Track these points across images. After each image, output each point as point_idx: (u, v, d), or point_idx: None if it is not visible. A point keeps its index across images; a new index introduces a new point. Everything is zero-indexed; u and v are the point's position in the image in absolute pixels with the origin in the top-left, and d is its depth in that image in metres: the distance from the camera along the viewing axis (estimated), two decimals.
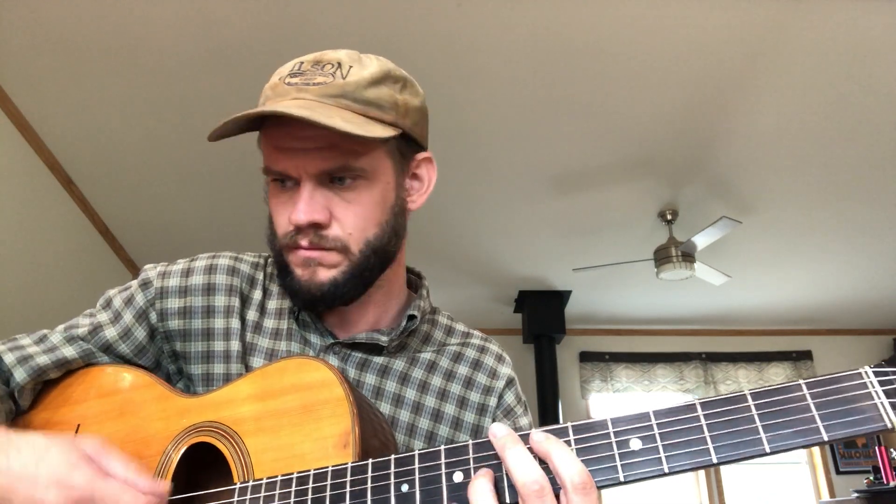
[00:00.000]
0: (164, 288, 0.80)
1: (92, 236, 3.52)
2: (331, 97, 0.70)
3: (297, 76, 0.72)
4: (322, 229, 0.72)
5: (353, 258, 0.73)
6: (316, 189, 0.72)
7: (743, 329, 5.44)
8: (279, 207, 0.75)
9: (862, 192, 3.45)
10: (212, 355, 0.78)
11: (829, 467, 5.05)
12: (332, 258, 0.73)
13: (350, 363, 0.79)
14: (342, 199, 0.72)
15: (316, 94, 0.70)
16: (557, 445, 0.52)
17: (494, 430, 0.54)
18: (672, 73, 2.60)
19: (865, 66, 2.55)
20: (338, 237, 0.72)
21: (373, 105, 0.71)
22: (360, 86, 0.71)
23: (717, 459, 0.49)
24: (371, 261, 0.74)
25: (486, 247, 4.09)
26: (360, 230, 0.73)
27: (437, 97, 2.73)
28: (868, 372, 0.49)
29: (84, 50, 2.40)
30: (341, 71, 0.71)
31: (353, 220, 0.73)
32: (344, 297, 0.75)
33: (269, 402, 0.67)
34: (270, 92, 0.73)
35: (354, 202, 0.72)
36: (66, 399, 0.78)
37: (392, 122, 0.73)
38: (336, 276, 0.73)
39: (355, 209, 0.72)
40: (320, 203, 0.71)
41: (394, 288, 0.83)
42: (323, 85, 0.70)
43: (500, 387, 0.85)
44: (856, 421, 0.48)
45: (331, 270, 0.73)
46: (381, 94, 0.72)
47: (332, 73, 0.71)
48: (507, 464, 0.52)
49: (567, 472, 0.50)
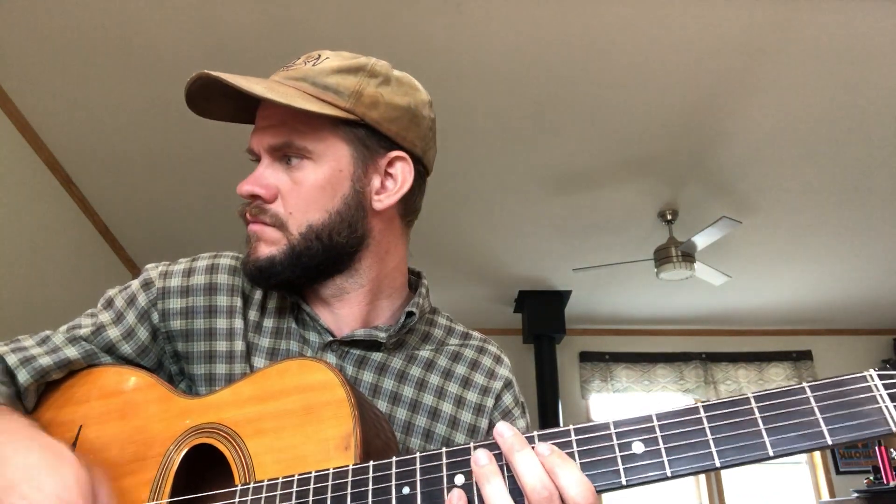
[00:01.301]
0: (165, 288, 0.80)
1: (92, 236, 3.52)
2: (292, 79, 0.74)
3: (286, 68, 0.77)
4: (264, 203, 0.75)
5: (291, 238, 0.75)
6: (270, 165, 0.76)
7: (743, 329, 5.44)
8: None
9: (862, 192, 3.45)
10: (214, 355, 0.78)
11: (829, 467, 5.06)
12: (271, 234, 0.75)
13: (348, 360, 0.79)
14: (290, 179, 0.75)
15: (281, 77, 0.75)
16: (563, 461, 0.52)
17: (500, 429, 0.54)
18: (672, 73, 2.60)
19: (865, 66, 2.55)
20: (277, 214, 0.75)
21: (330, 90, 0.73)
22: (322, 72, 0.74)
23: (720, 463, 0.49)
24: (313, 246, 0.75)
25: (486, 247, 4.09)
26: (302, 212, 0.75)
27: (436, 98, 2.72)
28: (873, 375, 0.49)
29: (84, 50, 2.40)
30: (317, 61, 0.75)
31: (294, 201, 0.75)
32: (280, 276, 0.76)
33: (271, 404, 0.67)
34: None
35: (299, 183, 0.75)
36: (68, 399, 0.78)
37: (347, 109, 0.73)
38: (274, 254, 0.75)
39: (298, 189, 0.75)
40: (269, 179, 0.75)
41: (382, 289, 0.82)
42: (292, 69, 0.75)
43: (497, 388, 0.85)
44: (860, 425, 0.47)
45: (270, 247, 0.75)
46: (342, 82, 0.74)
47: (305, 62, 0.76)
48: (515, 467, 0.52)
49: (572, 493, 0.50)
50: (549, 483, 0.50)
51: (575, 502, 0.50)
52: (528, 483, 0.51)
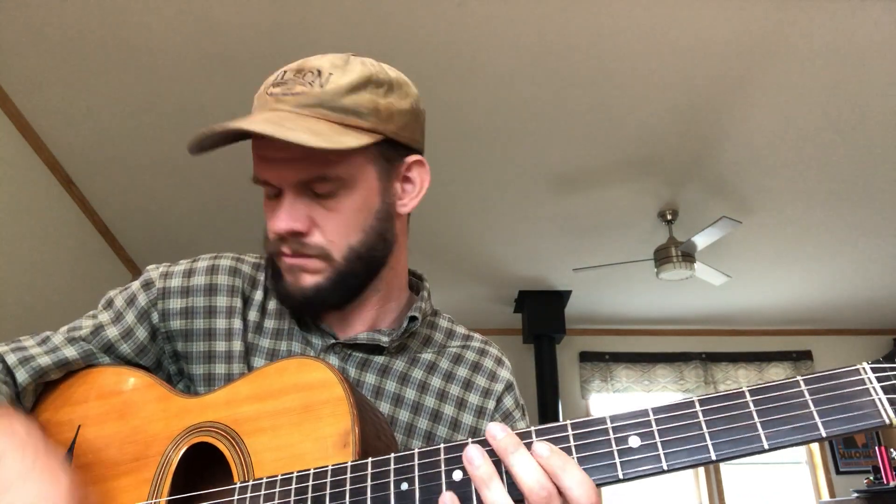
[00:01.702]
0: (166, 288, 0.80)
1: (92, 236, 3.52)
2: (307, 107, 0.70)
3: (279, 86, 0.72)
4: (302, 237, 0.73)
5: (336, 265, 0.74)
6: (297, 198, 0.72)
7: (743, 329, 5.44)
8: (268, 214, 0.76)
9: (862, 192, 3.46)
10: (213, 356, 0.79)
11: (829, 467, 5.05)
12: (315, 265, 0.74)
13: (350, 363, 0.80)
14: (323, 207, 0.73)
15: (292, 104, 0.70)
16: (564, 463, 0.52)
17: (492, 430, 0.54)
18: (672, 74, 2.60)
19: (865, 66, 2.55)
20: (319, 244, 0.73)
21: (350, 112, 0.71)
22: (337, 94, 0.70)
23: (715, 456, 0.50)
24: (356, 267, 0.75)
25: (486, 247, 4.09)
26: (342, 237, 0.73)
27: (437, 97, 2.74)
28: (866, 368, 0.49)
29: (84, 50, 2.40)
30: (320, 79, 0.71)
31: (334, 228, 0.73)
32: (329, 303, 0.76)
33: (269, 402, 0.67)
34: (256, 102, 0.74)
35: (335, 209, 0.73)
36: (66, 400, 0.78)
37: (371, 129, 0.72)
38: (320, 282, 0.74)
39: (336, 216, 0.73)
40: (301, 211, 0.72)
41: (392, 291, 0.83)
42: (300, 95, 0.70)
43: (498, 390, 0.86)
44: (854, 417, 0.48)
45: (314, 276, 0.74)
46: (359, 101, 0.71)
47: (310, 82, 0.71)
48: (512, 468, 0.52)
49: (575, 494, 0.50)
50: (548, 483, 0.51)
51: (579, 503, 0.50)
52: (526, 484, 0.51)
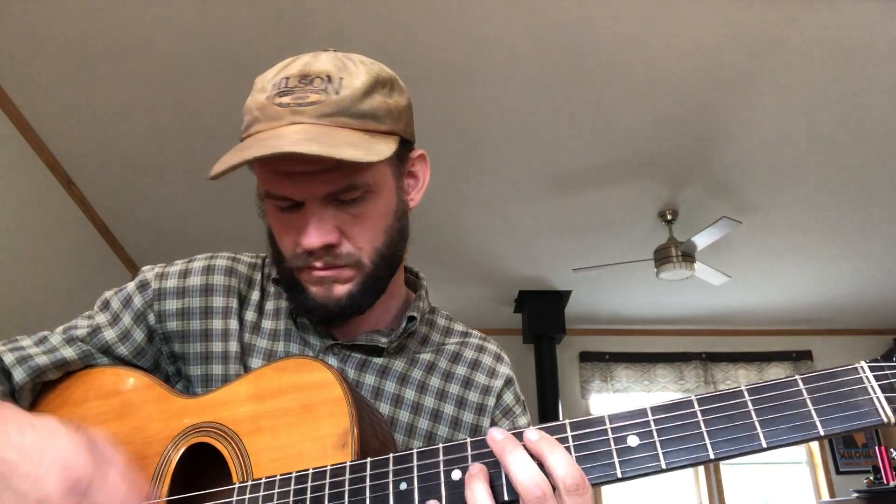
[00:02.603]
0: (161, 289, 0.80)
1: (92, 236, 3.52)
2: (328, 116, 0.67)
3: (286, 94, 0.69)
4: (334, 248, 0.72)
5: (366, 269, 0.74)
6: (323, 210, 0.70)
7: (743, 329, 5.44)
8: (283, 229, 0.73)
9: (862, 192, 3.46)
10: (210, 356, 0.79)
11: (829, 467, 5.05)
12: (347, 273, 0.73)
13: (349, 364, 0.79)
14: (349, 216, 0.71)
15: (312, 115, 0.67)
16: (551, 446, 0.52)
17: (493, 434, 0.54)
18: (672, 74, 2.60)
19: (865, 66, 2.55)
20: (350, 253, 0.72)
21: (369, 117, 0.70)
22: (354, 100, 0.69)
23: (714, 455, 0.50)
24: (382, 269, 0.75)
25: (486, 247, 4.09)
26: (370, 242, 0.73)
27: (437, 97, 2.74)
28: (864, 367, 0.50)
29: (84, 50, 2.40)
30: (332, 85, 0.69)
31: (362, 234, 0.73)
32: (360, 308, 0.75)
33: (268, 403, 0.67)
34: (259, 113, 0.70)
35: (361, 216, 0.72)
36: (65, 400, 0.78)
37: (389, 131, 0.72)
38: (352, 290, 0.74)
39: (363, 223, 0.72)
40: (329, 223, 0.71)
41: (395, 289, 0.84)
42: (318, 104, 0.67)
43: (498, 386, 0.85)
44: (852, 416, 0.48)
45: (346, 285, 0.74)
46: (374, 105, 0.70)
47: (323, 89, 0.68)
48: (508, 468, 0.52)
49: (560, 473, 0.50)
50: (542, 481, 0.51)
51: (565, 485, 0.50)
52: (520, 482, 0.51)
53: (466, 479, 0.53)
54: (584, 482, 0.50)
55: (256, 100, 0.71)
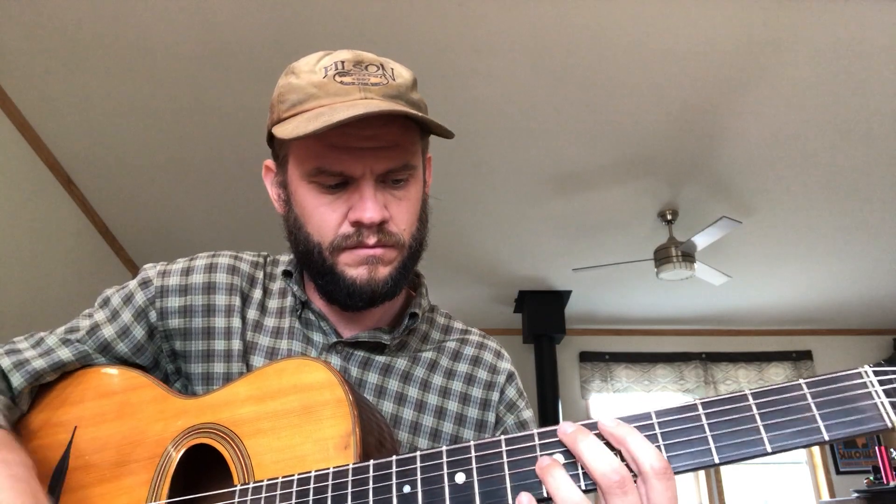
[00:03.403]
0: (164, 286, 0.80)
1: (92, 236, 3.52)
2: (391, 98, 0.70)
3: (346, 75, 0.70)
4: (386, 226, 0.72)
5: (405, 252, 0.75)
6: (375, 186, 0.71)
7: (743, 329, 5.44)
8: (325, 209, 0.72)
9: (862, 192, 3.45)
10: (212, 354, 0.78)
11: (829, 467, 5.05)
12: (391, 254, 0.74)
13: (353, 362, 0.79)
14: (394, 197, 0.73)
15: (378, 93, 0.69)
16: (632, 431, 0.51)
17: (564, 427, 0.53)
18: (672, 73, 2.60)
19: (865, 66, 2.54)
20: (396, 233, 0.74)
21: (415, 106, 0.72)
22: (408, 88, 0.73)
23: (718, 459, 0.49)
24: (416, 254, 0.77)
25: (486, 247, 4.09)
26: (410, 224, 0.75)
27: (437, 97, 2.73)
28: (868, 371, 0.49)
29: (84, 50, 2.40)
30: (386, 72, 0.72)
31: (405, 216, 0.74)
32: (397, 292, 0.76)
33: (269, 404, 0.67)
34: (317, 90, 0.70)
35: (405, 199, 0.74)
36: (63, 400, 0.78)
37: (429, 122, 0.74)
38: (392, 272, 0.74)
39: (406, 205, 0.74)
40: (381, 201, 0.72)
41: None
42: (381, 86, 0.70)
43: (501, 381, 0.86)
44: (856, 420, 0.48)
45: (388, 267, 0.74)
46: (418, 97, 0.75)
47: (381, 75, 0.71)
48: (582, 455, 0.51)
49: (646, 458, 0.49)
50: (620, 466, 0.49)
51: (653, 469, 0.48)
52: (597, 469, 0.50)
53: (539, 471, 0.52)
54: (668, 466, 0.49)
55: (309, 79, 0.71)
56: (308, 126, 0.65)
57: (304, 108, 0.70)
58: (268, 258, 0.87)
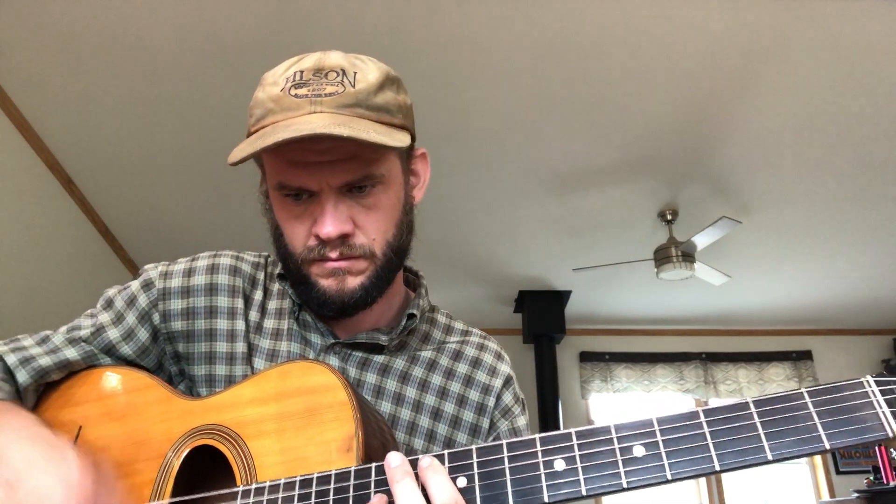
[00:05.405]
0: (166, 289, 0.80)
1: (92, 236, 3.52)
2: (346, 107, 0.69)
3: (301, 86, 0.70)
4: (349, 238, 0.72)
5: (377, 262, 0.74)
6: (338, 200, 0.71)
7: (743, 329, 5.44)
8: (294, 222, 0.73)
9: (862, 192, 3.46)
10: (215, 356, 0.79)
11: (829, 467, 5.05)
12: (360, 265, 0.74)
13: (350, 363, 0.80)
14: (362, 207, 0.72)
15: (331, 105, 0.68)
16: (436, 474, 0.54)
17: (389, 459, 0.56)
18: (672, 73, 2.60)
19: (865, 65, 2.55)
20: (363, 244, 0.73)
21: (383, 111, 0.71)
22: (370, 92, 0.70)
23: (719, 467, 0.50)
24: (392, 261, 0.76)
25: (486, 247, 4.09)
26: (382, 234, 0.74)
27: (437, 97, 2.74)
28: (870, 381, 0.50)
29: (84, 50, 2.40)
30: (347, 78, 0.70)
31: (375, 226, 0.73)
32: (371, 301, 0.76)
33: (273, 406, 0.67)
34: (274, 105, 0.70)
35: (374, 208, 0.73)
36: (67, 400, 0.78)
37: (401, 125, 0.73)
38: (364, 282, 0.74)
39: (376, 215, 0.73)
40: (344, 213, 0.71)
41: (395, 287, 0.84)
42: (336, 95, 0.69)
43: (498, 386, 0.86)
44: (857, 430, 0.48)
45: (358, 277, 0.74)
46: (387, 99, 0.72)
47: (339, 82, 0.70)
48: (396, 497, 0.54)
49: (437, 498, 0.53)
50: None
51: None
52: None
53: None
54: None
55: (269, 93, 0.71)
56: (248, 149, 0.67)
57: (263, 124, 0.70)
58: (269, 258, 0.88)
